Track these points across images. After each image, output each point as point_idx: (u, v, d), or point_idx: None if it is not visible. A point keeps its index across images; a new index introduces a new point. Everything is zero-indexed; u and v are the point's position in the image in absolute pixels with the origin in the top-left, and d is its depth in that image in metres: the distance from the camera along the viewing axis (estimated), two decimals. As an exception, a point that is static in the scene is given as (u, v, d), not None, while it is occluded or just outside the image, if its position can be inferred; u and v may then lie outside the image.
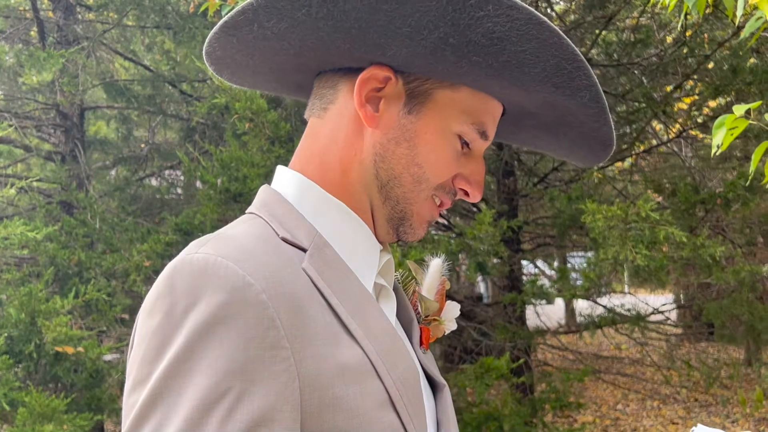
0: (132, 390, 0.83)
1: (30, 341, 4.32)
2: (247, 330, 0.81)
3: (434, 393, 1.10)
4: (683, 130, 7.17)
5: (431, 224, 1.10)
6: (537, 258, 8.39)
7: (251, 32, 0.98)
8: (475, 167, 1.06)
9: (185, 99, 6.68)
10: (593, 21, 6.25)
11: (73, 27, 6.06)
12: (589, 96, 1.00)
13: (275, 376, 0.81)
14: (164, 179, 7.53)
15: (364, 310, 0.95)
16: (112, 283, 5.05)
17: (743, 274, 5.34)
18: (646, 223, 4.42)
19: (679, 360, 8.30)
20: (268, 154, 4.72)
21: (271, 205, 1.01)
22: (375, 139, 1.01)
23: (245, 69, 1.10)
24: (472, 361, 6.33)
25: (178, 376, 0.79)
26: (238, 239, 0.90)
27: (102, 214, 5.54)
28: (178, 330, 0.81)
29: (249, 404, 0.79)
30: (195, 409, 0.78)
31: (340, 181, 1.02)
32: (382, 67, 0.99)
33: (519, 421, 5.22)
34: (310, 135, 1.07)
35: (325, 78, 1.06)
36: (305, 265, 0.92)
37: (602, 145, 1.13)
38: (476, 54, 0.93)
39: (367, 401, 0.88)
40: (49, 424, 3.99)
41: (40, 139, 6.63)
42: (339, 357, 0.87)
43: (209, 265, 0.83)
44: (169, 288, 0.84)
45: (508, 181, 7.01)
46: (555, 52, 0.92)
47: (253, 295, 0.82)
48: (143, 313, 0.86)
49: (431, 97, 1.01)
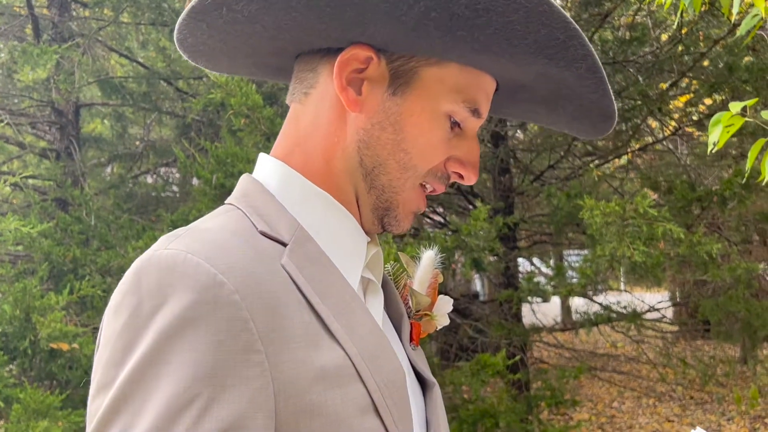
0: (96, 394, 0.78)
1: (24, 337, 4.30)
2: (217, 332, 0.75)
3: (424, 391, 1.05)
4: (679, 127, 7.18)
5: (416, 215, 1.04)
6: (533, 256, 8.39)
7: (220, 16, 0.92)
8: (469, 147, 1.00)
9: (181, 96, 6.67)
10: (589, 18, 6.25)
11: (68, 24, 6.05)
12: (586, 66, 0.94)
13: (247, 381, 0.76)
14: (159, 176, 7.52)
15: (348, 309, 0.89)
16: (107, 280, 5.03)
17: (739, 271, 5.35)
18: (643, 220, 4.42)
19: (675, 358, 8.30)
20: (263, 150, 4.71)
21: (251, 195, 0.96)
22: (358, 124, 0.95)
23: (220, 54, 1.04)
24: (468, 359, 6.32)
25: (143, 381, 0.74)
26: (210, 233, 0.84)
27: (97, 211, 5.52)
28: (144, 332, 0.76)
29: (219, 411, 0.74)
30: (161, 416, 0.73)
31: (324, 170, 0.97)
32: (362, 46, 0.93)
33: (515, 418, 5.22)
34: (291, 121, 1.01)
35: (305, 60, 1.00)
36: (284, 261, 0.87)
37: (603, 117, 1.06)
38: (461, 28, 0.87)
39: (348, 407, 0.83)
40: (44, 421, 3.98)
41: (35, 136, 6.62)
42: (318, 360, 0.82)
43: (178, 263, 0.78)
44: (135, 286, 0.79)
45: (504, 179, 7.01)
46: (545, 21, 0.86)
47: (224, 295, 0.77)
48: (109, 312, 0.81)
49: (417, 76, 0.94)
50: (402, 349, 1.04)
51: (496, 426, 5.17)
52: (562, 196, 5.81)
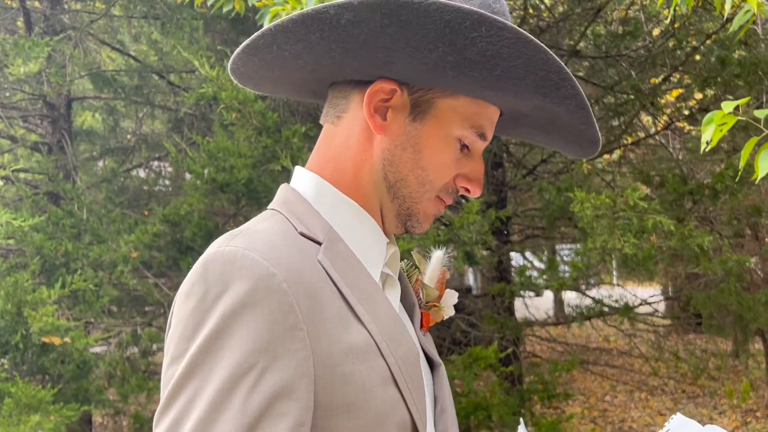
0: (170, 364, 0.95)
1: (16, 332, 4.30)
2: (270, 313, 0.92)
3: (432, 371, 1.22)
4: (671, 122, 7.19)
5: (437, 217, 1.22)
6: (526, 250, 8.41)
7: (270, 53, 1.10)
8: (475, 166, 1.17)
9: (173, 90, 6.65)
10: (582, 13, 6.26)
11: (60, 17, 6.02)
12: (575, 103, 1.11)
13: (294, 353, 0.93)
14: (151, 170, 7.50)
15: (371, 297, 1.06)
16: (99, 274, 5.02)
17: (731, 264, 5.37)
18: (634, 212, 4.43)
19: (667, 351, 8.34)
20: (255, 144, 4.70)
21: (291, 202, 1.14)
22: (383, 145, 1.12)
23: (266, 81, 1.23)
24: (461, 352, 6.33)
25: (210, 353, 0.91)
26: (262, 234, 1.02)
27: (89, 205, 5.51)
28: (210, 313, 0.93)
29: (272, 377, 0.91)
30: (225, 381, 0.89)
31: (353, 182, 1.14)
32: (388, 80, 1.10)
33: (507, 411, 5.24)
34: (325, 140, 1.18)
35: (338, 88, 1.17)
36: (320, 257, 1.04)
37: (590, 143, 1.24)
38: (472, 69, 1.04)
39: (372, 378, 0.99)
40: (36, 415, 3.98)
41: (26, 129, 6.59)
42: (348, 338, 0.99)
43: (238, 257, 0.95)
44: (203, 276, 0.96)
45: (497, 173, 7.01)
46: (542, 66, 1.03)
47: (276, 284, 0.94)
48: (180, 298, 0.98)
49: (434, 106, 1.12)
50: (414, 334, 1.21)
51: (488, 419, 5.18)
52: (553, 190, 5.81)
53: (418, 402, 1.05)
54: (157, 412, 0.93)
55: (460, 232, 4.92)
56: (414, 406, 1.04)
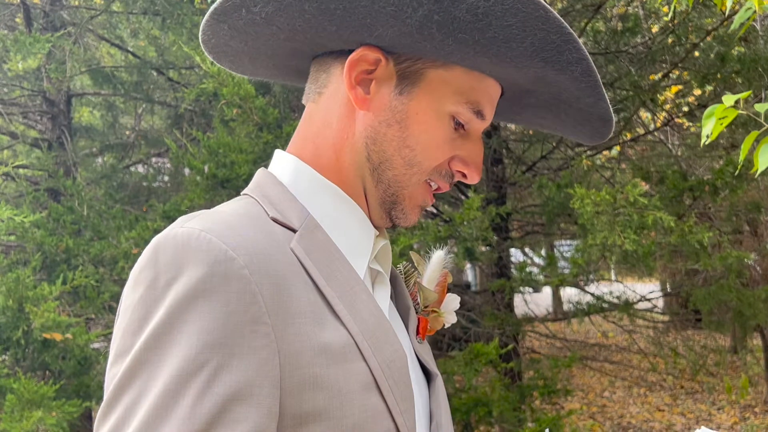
0: (114, 362, 0.83)
1: (18, 328, 4.30)
2: (227, 303, 0.81)
3: (428, 383, 1.10)
4: (670, 118, 7.19)
5: (423, 209, 1.10)
6: (525, 246, 8.42)
7: (240, 18, 0.98)
8: (473, 148, 1.05)
9: (172, 86, 6.65)
10: (582, 9, 6.26)
11: (60, 13, 6.01)
12: (581, 70, 0.98)
13: (255, 351, 0.81)
14: (151, 166, 7.50)
15: (351, 292, 0.94)
16: (100, 270, 5.02)
17: (730, 260, 5.37)
18: (634, 208, 4.44)
19: (666, 347, 8.35)
20: (255, 140, 4.71)
21: (264, 186, 1.02)
22: (366, 121, 1.01)
23: (242, 56, 1.11)
24: (461, 348, 6.35)
25: (157, 348, 0.80)
26: (223, 215, 0.90)
27: (89, 201, 5.51)
28: (159, 302, 0.81)
29: (227, 377, 0.79)
30: (172, 380, 0.78)
31: (334, 165, 1.02)
32: (372, 48, 0.99)
33: (507, 407, 5.25)
34: (306, 119, 1.07)
35: (319, 62, 1.06)
36: (293, 245, 0.92)
37: (602, 121, 1.12)
38: (462, 31, 0.92)
39: (350, 383, 0.87)
40: (38, 411, 3.98)
41: (26, 125, 6.59)
42: (322, 337, 0.86)
43: (192, 239, 0.83)
44: (152, 261, 0.84)
45: (497, 169, 7.01)
46: (542, 26, 0.91)
47: (235, 269, 0.82)
48: (128, 285, 0.87)
49: (423, 77, 1.00)
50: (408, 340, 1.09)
51: (489, 414, 5.19)
52: (553, 186, 5.82)
53: (406, 412, 0.93)
54: (98, 415, 0.81)
55: (460, 228, 4.92)
56: (400, 416, 0.92)
